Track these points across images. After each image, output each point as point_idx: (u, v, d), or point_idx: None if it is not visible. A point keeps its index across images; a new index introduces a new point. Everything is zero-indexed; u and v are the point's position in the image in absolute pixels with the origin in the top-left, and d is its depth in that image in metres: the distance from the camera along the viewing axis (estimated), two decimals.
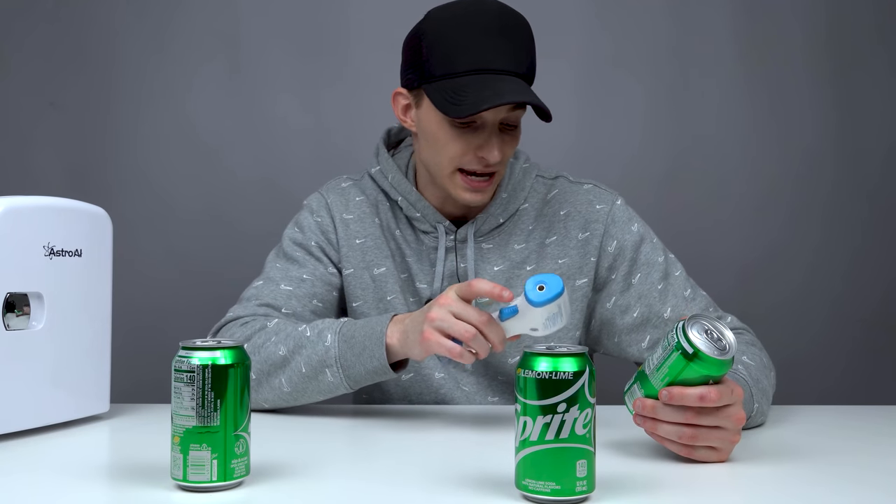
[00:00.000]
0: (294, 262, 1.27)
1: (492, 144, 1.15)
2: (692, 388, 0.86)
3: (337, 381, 1.09)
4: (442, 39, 1.14)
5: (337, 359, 1.08)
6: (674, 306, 1.24)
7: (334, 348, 1.08)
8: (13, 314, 1.00)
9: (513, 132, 1.19)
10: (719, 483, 0.84)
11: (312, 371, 1.09)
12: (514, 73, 1.13)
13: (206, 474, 0.77)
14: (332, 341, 1.08)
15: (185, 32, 1.94)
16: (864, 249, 1.95)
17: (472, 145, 1.16)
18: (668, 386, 0.87)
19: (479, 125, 1.16)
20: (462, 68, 1.12)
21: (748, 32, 1.93)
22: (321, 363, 1.09)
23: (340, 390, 1.11)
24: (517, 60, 1.14)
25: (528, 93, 1.11)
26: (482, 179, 1.19)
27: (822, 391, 1.91)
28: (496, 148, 1.15)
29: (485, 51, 1.12)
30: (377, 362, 1.06)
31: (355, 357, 1.07)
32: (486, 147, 1.15)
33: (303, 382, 1.10)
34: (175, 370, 0.78)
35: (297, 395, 1.12)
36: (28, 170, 1.94)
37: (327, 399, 1.14)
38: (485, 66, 1.12)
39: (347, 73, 1.93)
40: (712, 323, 0.86)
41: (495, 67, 1.12)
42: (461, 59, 1.12)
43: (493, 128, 1.16)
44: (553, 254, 1.27)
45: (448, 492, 0.80)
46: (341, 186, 1.34)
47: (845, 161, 1.95)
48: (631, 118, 1.95)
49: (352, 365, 1.07)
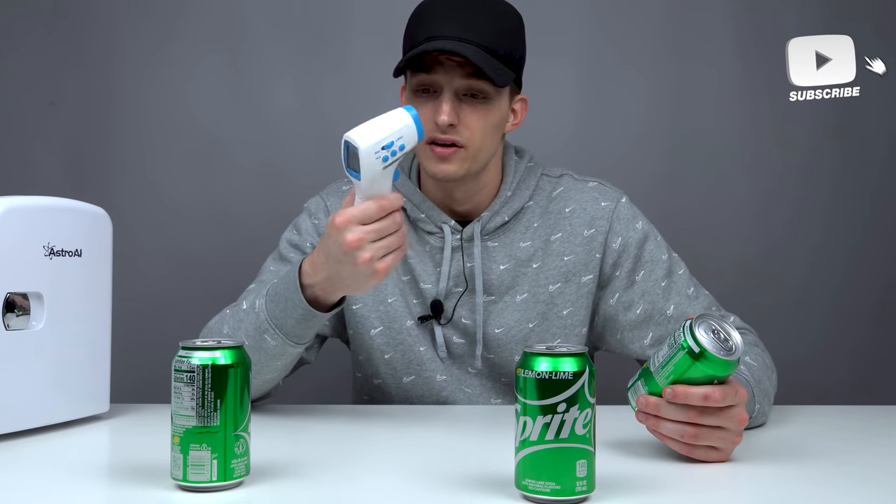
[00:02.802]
0: (288, 262, 1.27)
1: (440, 108, 1.16)
2: (696, 387, 0.86)
3: (279, 342, 1.07)
4: (415, 17, 1.21)
5: (268, 320, 1.07)
6: (677, 304, 1.24)
7: (263, 312, 1.07)
8: (13, 314, 1.00)
9: (477, 103, 1.18)
10: (719, 483, 0.84)
11: (255, 341, 1.08)
12: (468, 40, 1.14)
13: (206, 474, 0.77)
14: (260, 305, 1.08)
15: (185, 32, 1.94)
16: (866, 246, 1.95)
17: (430, 112, 1.18)
18: (673, 384, 0.86)
19: (437, 92, 1.18)
20: (420, 38, 1.16)
21: (749, 28, 1.93)
22: (258, 330, 1.08)
23: (289, 350, 1.08)
24: (477, 31, 1.15)
25: (464, 49, 1.13)
26: (445, 147, 1.19)
27: (823, 391, 1.91)
28: (444, 111, 1.16)
29: (439, 20, 1.16)
30: (301, 309, 1.04)
31: (282, 312, 1.06)
32: (438, 111, 1.17)
33: (253, 354, 1.07)
34: (175, 370, 0.78)
35: (256, 367, 1.08)
36: (28, 170, 1.94)
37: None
38: (437, 34, 1.15)
39: (349, 68, 1.93)
40: (720, 323, 0.86)
41: (447, 34, 1.15)
42: (420, 31, 1.17)
43: (448, 92, 1.17)
44: (558, 251, 1.27)
45: (448, 492, 0.80)
46: (342, 189, 1.34)
47: (846, 159, 1.95)
48: (630, 118, 1.94)
49: (283, 322, 1.06)
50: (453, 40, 1.14)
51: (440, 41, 1.14)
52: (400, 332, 1.26)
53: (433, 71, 1.17)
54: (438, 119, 1.16)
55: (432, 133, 1.18)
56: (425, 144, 1.19)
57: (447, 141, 1.18)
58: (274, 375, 1.13)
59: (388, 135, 0.92)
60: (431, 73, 1.17)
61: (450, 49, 1.12)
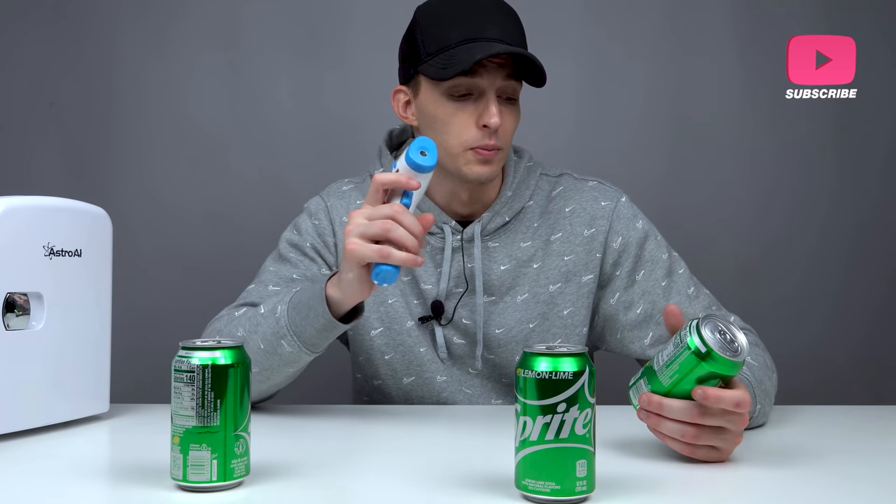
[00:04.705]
0: (287, 262, 1.27)
1: (490, 109, 1.15)
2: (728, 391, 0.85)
3: (295, 349, 1.07)
4: (435, 20, 1.18)
5: (288, 326, 1.07)
6: (677, 303, 1.24)
7: (284, 317, 1.07)
8: (13, 314, 1.00)
9: (511, 105, 1.20)
10: (720, 483, 0.84)
11: (270, 346, 1.08)
12: (509, 42, 1.15)
13: (206, 474, 0.77)
14: (281, 311, 1.08)
15: (185, 32, 1.94)
16: (866, 246, 1.95)
17: (473, 116, 1.17)
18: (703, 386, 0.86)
19: (476, 95, 1.17)
20: (455, 40, 1.15)
21: (750, 27, 1.93)
22: (276, 335, 1.08)
23: (303, 357, 1.09)
24: (510, 35, 1.16)
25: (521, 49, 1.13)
26: (490, 151, 1.18)
27: (824, 391, 1.91)
28: (495, 113, 1.15)
29: (477, 22, 1.15)
30: (322, 320, 1.04)
31: (303, 320, 1.06)
32: (485, 113, 1.16)
33: (266, 359, 1.09)
34: (175, 370, 0.78)
35: (267, 373, 1.11)
36: (28, 170, 1.94)
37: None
38: (477, 35, 1.14)
39: (349, 70, 1.93)
40: (726, 324, 0.86)
41: (487, 36, 1.14)
42: (454, 33, 1.15)
43: (491, 93, 1.16)
44: (559, 251, 1.27)
45: (448, 492, 0.80)
46: (342, 190, 1.34)
47: (846, 158, 1.95)
48: (630, 118, 1.94)
49: (302, 329, 1.06)
50: (499, 42, 1.14)
51: (488, 43, 1.13)
52: (400, 333, 1.26)
53: (477, 74, 1.15)
54: (490, 121, 1.15)
55: (478, 139, 1.17)
56: (466, 150, 1.18)
57: (495, 146, 1.18)
58: (282, 381, 1.14)
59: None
60: (475, 76, 1.15)
61: (519, 51, 1.12)
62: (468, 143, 1.18)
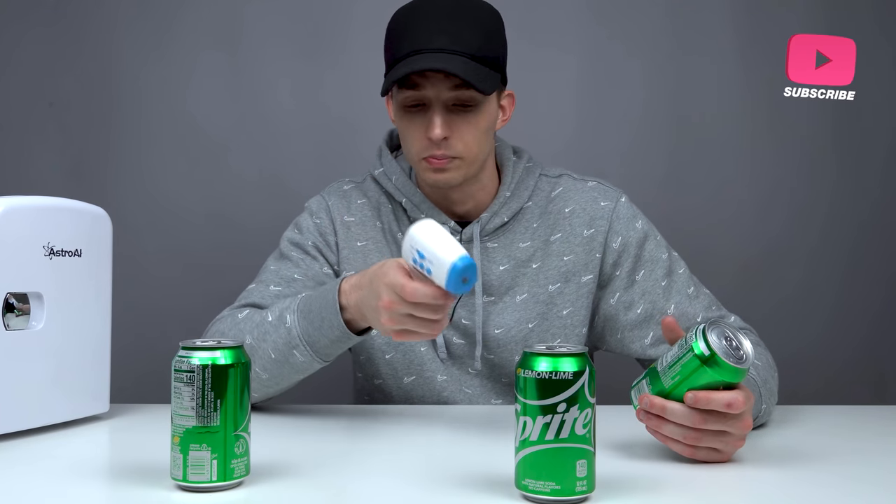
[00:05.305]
0: (288, 261, 1.27)
1: (433, 122, 1.16)
2: (719, 392, 0.85)
3: (307, 359, 1.08)
4: (394, 30, 1.19)
5: (300, 336, 1.07)
6: (677, 303, 1.24)
7: (295, 327, 1.07)
8: (13, 314, 1.00)
9: (467, 113, 1.18)
10: (720, 483, 0.84)
11: (282, 355, 1.08)
12: (454, 52, 1.13)
13: (206, 474, 0.77)
14: (291, 321, 1.08)
15: (185, 32, 1.94)
16: (866, 246, 1.94)
17: (422, 128, 1.18)
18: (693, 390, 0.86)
19: (426, 107, 1.17)
20: (404, 52, 1.15)
21: (750, 26, 1.93)
22: (287, 345, 1.08)
23: (315, 365, 1.09)
24: (463, 41, 1.14)
25: (452, 64, 1.11)
26: (440, 160, 1.18)
27: (825, 391, 1.91)
28: (436, 125, 1.15)
29: (424, 32, 1.14)
30: (338, 331, 1.04)
31: (316, 331, 1.06)
32: (429, 126, 1.16)
33: (277, 368, 1.10)
34: (175, 370, 0.78)
35: (276, 380, 1.11)
36: (28, 170, 1.94)
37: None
38: (423, 47, 1.13)
39: (349, 69, 1.93)
40: (733, 331, 0.86)
41: (433, 47, 1.13)
42: (404, 44, 1.15)
43: (438, 106, 1.16)
44: (558, 251, 1.27)
45: (448, 492, 0.80)
46: (343, 189, 1.34)
47: (846, 158, 1.95)
48: (630, 117, 1.94)
49: (316, 340, 1.06)
50: (439, 53, 1.13)
51: (425, 56, 1.13)
52: None
53: (420, 87, 1.15)
54: (432, 134, 1.15)
55: (427, 149, 1.18)
56: (420, 159, 1.19)
57: (443, 157, 1.18)
58: (290, 386, 1.14)
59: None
60: (419, 90, 1.16)
61: (439, 67, 1.11)
62: (420, 153, 1.19)
